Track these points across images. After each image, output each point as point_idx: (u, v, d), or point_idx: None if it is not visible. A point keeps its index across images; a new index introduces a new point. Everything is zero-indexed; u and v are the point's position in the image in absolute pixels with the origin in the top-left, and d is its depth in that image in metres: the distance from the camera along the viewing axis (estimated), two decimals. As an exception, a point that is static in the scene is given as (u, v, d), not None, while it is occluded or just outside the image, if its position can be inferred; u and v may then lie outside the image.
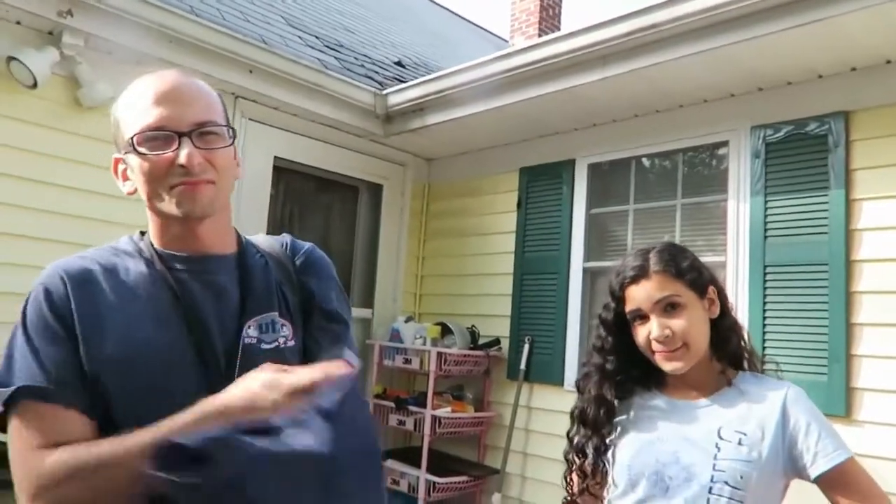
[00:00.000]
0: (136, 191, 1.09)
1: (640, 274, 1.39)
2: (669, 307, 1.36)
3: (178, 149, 1.02)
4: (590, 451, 1.43)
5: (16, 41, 3.03)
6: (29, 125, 3.11)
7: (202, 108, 1.07)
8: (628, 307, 1.40)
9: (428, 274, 4.79)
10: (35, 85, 3.03)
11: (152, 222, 1.11)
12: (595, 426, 1.43)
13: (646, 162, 3.75)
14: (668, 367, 1.37)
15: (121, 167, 1.11)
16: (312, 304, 1.17)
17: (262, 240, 1.23)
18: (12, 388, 0.95)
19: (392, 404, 4.11)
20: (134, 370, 0.98)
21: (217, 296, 1.08)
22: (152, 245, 1.11)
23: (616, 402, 1.45)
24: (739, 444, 1.31)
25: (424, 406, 3.93)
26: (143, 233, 1.15)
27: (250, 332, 1.09)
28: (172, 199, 1.04)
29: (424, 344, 4.10)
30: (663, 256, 1.40)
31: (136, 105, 1.05)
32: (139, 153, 1.03)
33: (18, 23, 3.07)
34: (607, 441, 1.42)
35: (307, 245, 1.27)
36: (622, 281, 1.41)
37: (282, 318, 1.13)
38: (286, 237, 1.26)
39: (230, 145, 1.10)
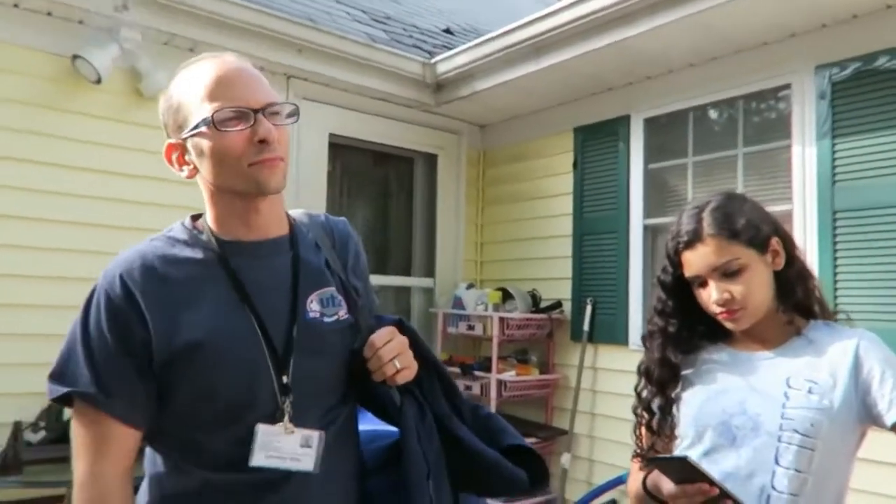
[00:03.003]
0: (195, 174, 1.12)
1: (695, 238, 1.34)
2: (728, 272, 1.32)
3: (254, 125, 1.05)
4: (656, 409, 1.42)
5: (79, 40, 3.17)
6: (96, 119, 3.27)
7: (266, 88, 1.11)
8: (686, 272, 1.37)
9: (487, 241, 4.80)
10: (99, 80, 3.17)
11: (212, 205, 1.13)
12: (660, 386, 1.42)
13: (704, 112, 3.63)
14: (730, 325, 1.36)
15: (174, 154, 1.13)
16: (349, 280, 1.21)
17: (302, 217, 1.25)
18: (64, 390, 1.02)
19: (458, 370, 4.17)
20: (207, 353, 1.02)
21: (274, 277, 1.12)
22: (211, 231, 1.13)
23: (681, 359, 1.43)
24: (810, 392, 1.28)
25: (490, 371, 3.98)
26: (194, 217, 1.17)
27: (313, 306, 1.12)
28: (250, 173, 1.06)
29: (486, 310, 4.13)
30: (717, 217, 1.34)
31: (201, 89, 1.07)
32: (219, 130, 1.04)
33: (81, 22, 3.21)
34: (673, 400, 1.41)
35: (341, 221, 1.30)
36: (677, 246, 1.38)
37: (338, 293, 1.16)
38: (321, 214, 1.30)
39: (295, 121, 1.13)
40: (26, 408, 2.85)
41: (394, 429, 1.21)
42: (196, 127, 1.06)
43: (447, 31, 5.27)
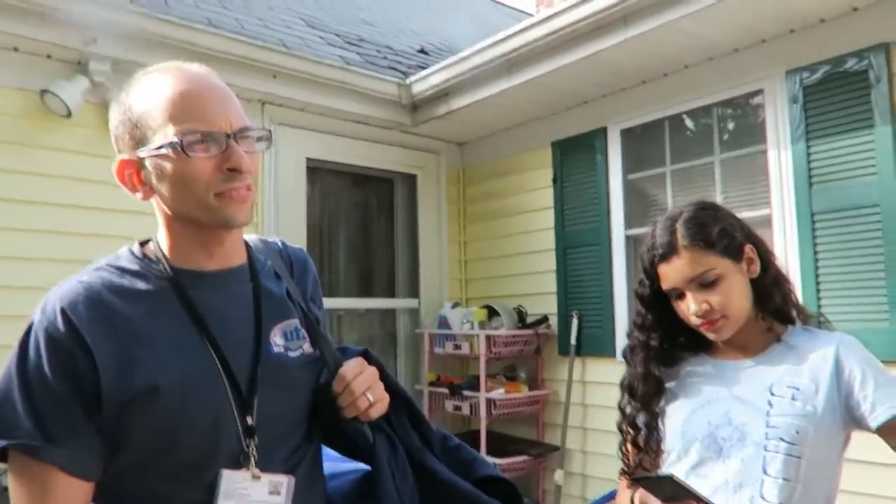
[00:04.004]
0: (150, 196, 1.02)
1: (670, 251, 1.34)
2: (705, 283, 1.32)
3: (225, 151, 0.96)
4: (641, 425, 1.41)
5: (48, 74, 3.15)
6: (66, 153, 3.23)
7: (238, 109, 1.01)
8: (664, 285, 1.36)
9: (471, 258, 4.78)
10: (69, 114, 3.14)
11: (168, 231, 1.03)
12: (644, 401, 1.41)
13: (679, 121, 3.64)
14: (711, 336, 1.35)
15: (128, 171, 1.01)
16: (310, 311, 1.15)
17: (258, 243, 1.17)
18: (1, 442, 0.89)
19: (446, 390, 4.13)
20: (165, 398, 0.92)
21: (235, 309, 1.04)
22: (166, 258, 1.03)
23: (664, 372, 1.42)
24: (793, 399, 1.27)
25: (478, 390, 3.94)
26: (142, 243, 1.07)
27: (277, 340, 1.05)
28: (216, 205, 0.97)
29: (472, 328, 4.10)
30: (690, 227, 1.34)
31: (167, 105, 0.96)
32: (181, 156, 0.94)
33: (49, 56, 3.19)
34: (658, 415, 1.40)
35: (298, 248, 1.24)
36: (652, 258, 1.37)
37: (301, 325, 1.10)
38: (277, 240, 1.22)
39: (266, 150, 1.05)
40: None
41: (355, 464, 1.16)
42: (159, 148, 0.95)
43: (422, 51, 5.29)
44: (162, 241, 1.04)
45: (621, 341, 3.67)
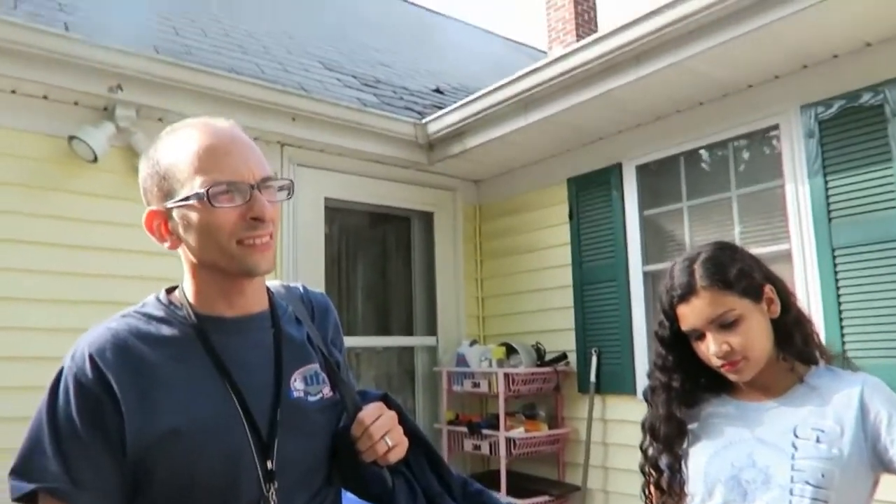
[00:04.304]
0: (178, 245, 1.06)
1: (688, 291, 1.33)
2: (725, 323, 1.31)
3: (249, 201, 1.00)
4: (664, 467, 1.39)
5: (75, 121, 3.24)
6: (93, 197, 3.30)
7: (261, 160, 1.05)
8: (683, 326, 1.35)
9: (488, 295, 4.78)
10: (95, 159, 3.22)
11: (193, 278, 1.07)
12: (667, 443, 1.39)
13: (695, 156, 3.66)
14: (733, 377, 1.34)
15: (157, 222, 1.05)
16: (331, 355, 1.16)
17: (280, 289, 1.20)
18: (30, 487, 0.93)
19: (465, 429, 4.09)
20: (187, 441, 0.95)
21: (256, 355, 1.06)
22: (190, 305, 1.06)
23: (686, 414, 1.40)
24: (818, 441, 1.25)
25: (497, 428, 3.90)
26: (168, 290, 1.11)
27: (297, 384, 1.07)
28: (239, 254, 1.00)
29: (490, 366, 4.08)
30: (709, 268, 1.34)
31: (193, 155, 1.00)
32: (207, 207, 0.98)
33: (76, 103, 3.28)
34: (681, 457, 1.38)
35: (319, 293, 1.26)
36: (671, 300, 1.37)
37: (321, 370, 1.12)
38: (299, 285, 1.25)
39: (288, 198, 1.08)
40: None
41: None
42: (186, 199, 1.00)
43: (437, 90, 5.37)
44: (187, 288, 1.08)
45: (641, 378, 3.65)
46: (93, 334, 1.01)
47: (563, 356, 4.09)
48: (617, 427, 3.80)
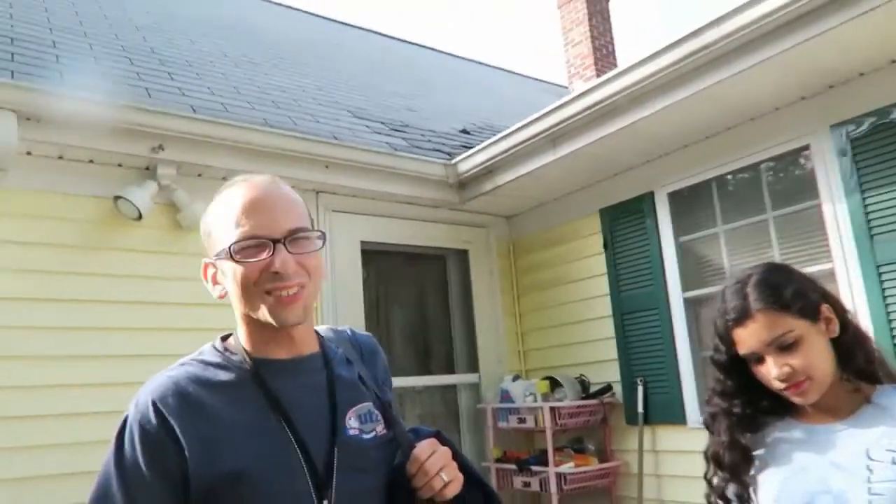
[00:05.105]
0: (226, 294, 1.12)
1: (744, 315, 1.30)
2: (784, 345, 1.28)
3: (272, 255, 1.05)
4: (732, 496, 1.35)
5: (119, 181, 3.37)
6: (139, 253, 3.41)
7: (293, 215, 1.10)
8: (740, 350, 1.33)
9: (528, 329, 4.77)
10: (140, 217, 3.33)
11: (243, 326, 1.12)
12: (733, 471, 1.35)
13: (727, 181, 3.65)
14: (798, 400, 1.30)
15: (210, 271, 1.14)
16: (382, 394, 1.20)
17: (328, 333, 1.25)
18: None
19: (514, 467, 4.05)
20: (249, 483, 0.98)
21: (310, 396, 1.10)
22: (245, 350, 1.11)
23: (750, 440, 1.36)
24: (893, 463, 1.22)
25: (546, 464, 3.85)
26: (223, 337, 1.16)
27: (351, 422, 1.10)
28: (266, 307, 1.06)
29: (535, 401, 4.05)
30: (762, 290, 1.31)
31: (229, 214, 1.08)
32: (235, 261, 1.05)
33: (120, 165, 3.41)
34: (749, 486, 1.34)
35: (366, 335, 1.30)
36: (726, 324, 1.34)
37: (374, 408, 1.15)
38: (347, 328, 1.29)
39: (321, 248, 1.12)
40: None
41: None
42: (218, 254, 1.09)
43: (464, 131, 5.46)
44: (241, 334, 1.13)
45: (690, 407, 3.60)
46: (154, 382, 1.06)
47: (609, 388, 4.05)
48: (670, 458, 3.73)
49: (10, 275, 3.07)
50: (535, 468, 3.94)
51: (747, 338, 1.32)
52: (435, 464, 1.06)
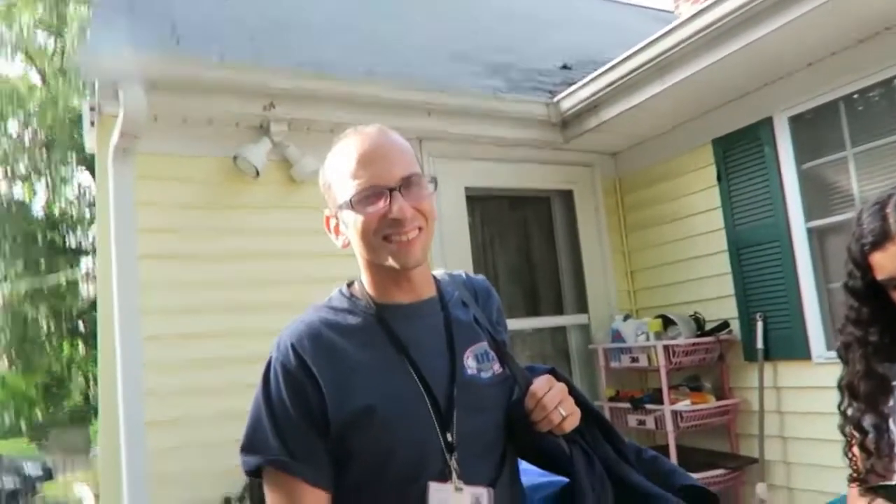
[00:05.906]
0: (349, 244, 1.19)
1: (882, 238, 1.24)
2: None
3: (389, 202, 1.10)
4: (868, 427, 1.31)
5: (236, 141, 3.54)
6: (261, 209, 3.60)
7: (404, 162, 1.14)
8: (878, 275, 1.26)
9: (637, 268, 4.68)
10: (258, 174, 3.50)
11: (367, 273, 1.19)
12: (869, 401, 1.31)
13: (856, 100, 3.37)
14: None
15: (332, 223, 1.22)
16: (497, 334, 1.24)
17: (444, 277, 1.30)
18: (257, 461, 1.07)
19: (628, 405, 4.05)
20: (380, 417, 1.06)
21: (430, 337, 1.16)
22: (369, 296, 1.18)
23: (889, 369, 1.30)
24: None
25: (661, 403, 3.82)
26: (349, 284, 1.23)
27: (469, 363, 1.15)
28: (387, 252, 1.11)
29: (648, 340, 4.00)
30: None
31: (345, 167, 1.14)
32: (355, 211, 1.11)
33: (237, 125, 3.58)
34: (887, 416, 1.29)
35: (481, 278, 1.35)
36: (862, 248, 1.28)
37: (489, 348, 1.19)
38: (462, 272, 1.34)
39: (434, 192, 1.18)
40: (233, 483, 3.11)
41: (551, 477, 1.21)
42: (340, 206, 1.15)
43: (565, 66, 5.30)
44: (365, 281, 1.21)
45: (815, 341, 3.44)
46: (291, 328, 1.15)
47: (725, 324, 3.92)
48: (792, 394, 3.60)
49: (151, 235, 3.32)
50: (649, 406, 3.92)
51: (887, 262, 1.25)
52: (553, 398, 1.10)
